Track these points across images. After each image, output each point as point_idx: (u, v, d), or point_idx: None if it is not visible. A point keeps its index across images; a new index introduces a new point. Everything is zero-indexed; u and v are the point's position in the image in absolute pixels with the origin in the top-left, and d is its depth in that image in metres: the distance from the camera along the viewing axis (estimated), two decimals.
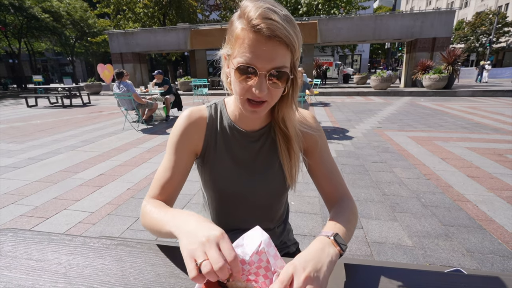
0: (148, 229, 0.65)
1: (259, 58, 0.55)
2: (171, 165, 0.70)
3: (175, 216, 0.57)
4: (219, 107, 0.77)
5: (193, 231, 0.48)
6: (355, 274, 0.59)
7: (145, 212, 0.66)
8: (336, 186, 0.76)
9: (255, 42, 0.55)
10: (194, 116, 0.73)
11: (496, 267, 1.65)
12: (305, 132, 0.74)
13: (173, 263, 0.59)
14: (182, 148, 0.71)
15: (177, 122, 0.73)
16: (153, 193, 0.70)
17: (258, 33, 0.54)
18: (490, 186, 2.75)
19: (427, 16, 13.08)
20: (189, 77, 14.86)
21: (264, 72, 0.56)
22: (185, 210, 0.58)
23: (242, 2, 0.59)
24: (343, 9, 19.07)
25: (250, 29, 0.54)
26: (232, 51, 0.60)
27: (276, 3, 0.58)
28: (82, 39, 23.96)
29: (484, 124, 5.64)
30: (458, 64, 11.54)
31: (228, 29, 0.62)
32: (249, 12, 0.55)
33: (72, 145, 4.64)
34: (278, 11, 0.55)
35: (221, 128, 0.75)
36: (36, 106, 10.30)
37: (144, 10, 20.28)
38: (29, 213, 2.39)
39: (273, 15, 0.54)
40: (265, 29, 0.53)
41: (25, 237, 0.68)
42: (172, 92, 6.99)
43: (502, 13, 27.76)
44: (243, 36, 0.56)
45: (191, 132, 0.72)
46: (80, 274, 0.56)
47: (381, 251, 1.83)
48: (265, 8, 0.54)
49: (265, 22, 0.53)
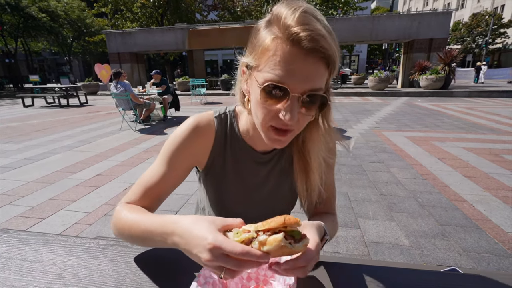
0: (121, 236, 0.58)
1: (294, 76, 0.45)
2: (162, 173, 0.62)
3: (163, 225, 0.48)
4: (229, 119, 0.68)
5: (189, 250, 0.42)
6: (352, 273, 0.59)
7: (120, 217, 0.57)
8: (330, 201, 0.72)
9: (291, 56, 0.44)
10: (200, 128, 0.64)
11: (492, 266, 1.66)
12: (326, 159, 0.64)
13: (168, 264, 0.59)
14: (179, 160, 0.63)
15: (181, 129, 0.63)
16: (131, 198, 0.62)
17: (296, 45, 0.44)
18: (486, 186, 2.77)
19: (424, 17, 13.16)
20: (187, 77, 14.82)
21: (298, 94, 0.46)
22: (166, 218, 0.49)
23: (274, 8, 0.48)
24: (341, 9, 19.12)
25: (286, 38, 0.44)
26: (256, 63, 0.49)
27: (314, 8, 0.47)
28: (79, 39, 23.85)
29: (480, 124, 5.68)
30: (453, 66, 11.60)
31: (252, 39, 0.51)
32: (285, 18, 0.44)
33: (69, 145, 4.61)
34: (320, 18, 0.45)
35: (231, 145, 0.67)
36: (33, 106, 10.23)
37: (142, 10, 20.23)
38: (25, 213, 2.37)
39: (316, 23, 0.44)
40: (306, 40, 0.43)
41: (20, 237, 0.67)
42: (170, 92, 6.97)
43: (498, 14, 28.00)
44: (275, 47, 0.45)
45: (195, 146, 0.64)
46: (75, 274, 0.55)
47: (378, 250, 1.83)
48: (305, 12, 0.44)
49: (307, 31, 0.43)
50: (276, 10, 0.47)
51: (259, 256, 0.38)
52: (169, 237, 0.46)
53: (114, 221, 0.59)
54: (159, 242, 0.49)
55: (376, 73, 12.54)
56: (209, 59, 30.29)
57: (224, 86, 14.34)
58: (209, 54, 29.06)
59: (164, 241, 0.47)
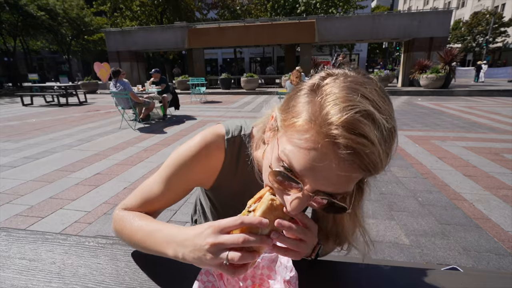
0: (126, 242, 0.58)
1: (315, 176, 0.37)
2: (162, 190, 0.60)
3: (165, 237, 0.49)
4: (242, 144, 0.61)
5: (190, 258, 0.43)
6: (352, 272, 0.58)
7: (124, 224, 0.57)
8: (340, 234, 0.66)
9: (322, 155, 0.35)
10: (207, 149, 0.59)
11: (492, 265, 1.66)
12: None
13: (168, 262, 0.59)
14: (180, 181, 0.60)
15: (187, 149, 0.59)
16: (130, 206, 0.61)
17: (332, 148, 0.35)
18: (486, 185, 2.77)
19: (424, 15, 13.13)
20: (186, 76, 14.80)
21: (311, 194, 0.39)
22: (170, 228, 0.49)
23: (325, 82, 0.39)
24: (341, 8, 19.09)
25: (322, 135, 0.35)
26: (283, 130, 0.41)
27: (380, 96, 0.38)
28: (78, 37, 23.77)
29: (480, 123, 5.68)
30: (453, 66, 11.59)
31: (291, 95, 0.44)
32: (328, 112, 0.35)
33: (68, 144, 4.61)
34: (379, 119, 0.34)
35: (242, 170, 0.62)
36: (32, 105, 10.21)
37: (141, 8, 20.19)
38: (24, 212, 2.37)
39: (369, 130, 0.33)
40: (345, 149, 0.33)
41: (19, 236, 0.67)
42: (169, 91, 6.96)
43: (499, 13, 27.97)
44: (308, 129, 0.37)
45: (200, 169, 0.60)
46: (75, 273, 0.55)
47: (379, 249, 1.83)
48: (360, 114, 0.34)
49: (349, 140, 0.33)
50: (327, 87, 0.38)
51: (257, 223, 0.39)
52: (170, 246, 0.46)
53: (116, 226, 0.59)
54: (161, 254, 0.49)
55: (376, 72, 12.52)
56: (208, 58, 30.21)
57: (223, 85, 14.33)
58: (208, 53, 28.98)
59: (165, 251, 0.48)
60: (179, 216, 2.30)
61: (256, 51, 31.63)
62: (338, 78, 0.39)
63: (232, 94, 12.97)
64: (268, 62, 30.79)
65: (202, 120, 6.66)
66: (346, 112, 0.34)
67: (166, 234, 0.49)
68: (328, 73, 0.42)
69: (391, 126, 0.36)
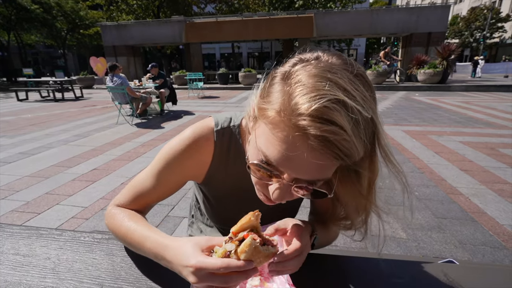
0: (118, 239, 0.59)
1: (291, 168, 0.38)
2: (154, 185, 0.60)
3: (156, 247, 0.48)
4: (233, 135, 0.60)
5: (180, 274, 0.43)
6: (350, 266, 0.59)
7: (116, 222, 0.57)
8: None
9: (293, 146, 0.35)
10: (196, 142, 0.58)
11: (487, 258, 1.69)
12: None
13: None
14: (171, 176, 0.60)
15: (177, 142, 0.58)
16: (123, 201, 0.61)
17: (302, 138, 0.34)
18: (482, 179, 2.79)
19: (422, 10, 13.08)
20: (184, 71, 14.68)
21: (290, 182, 0.40)
22: (161, 238, 0.49)
23: (295, 69, 0.39)
24: (340, 2, 18.95)
25: (292, 127, 0.34)
26: (259, 116, 0.41)
27: (353, 82, 0.36)
28: (74, 32, 23.42)
29: (477, 118, 5.71)
30: (451, 60, 11.59)
31: (268, 80, 0.43)
32: (297, 102, 0.34)
33: (64, 139, 4.57)
34: (351, 106, 0.33)
35: (234, 163, 0.61)
36: (27, 100, 10.09)
37: (138, 2, 19.89)
38: (20, 208, 2.35)
39: (340, 117, 0.32)
40: (316, 140, 0.33)
41: (13, 232, 0.66)
42: (167, 86, 6.90)
43: (496, 8, 27.92)
44: (276, 124, 0.37)
45: (190, 162, 0.59)
46: (70, 268, 0.54)
47: (375, 243, 1.85)
48: (330, 99, 0.33)
49: (321, 129, 0.32)
50: (296, 74, 0.37)
51: (241, 266, 0.38)
52: (161, 261, 0.48)
53: (108, 223, 0.60)
54: (153, 259, 0.50)
55: (374, 67, 12.50)
56: (206, 52, 29.95)
57: (221, 80, 14.23)
58: (206, 48, 28.73)
59: (157, 260, 0.49)
60: (176, 211, 2.30)
61: (254, 46, 31.41)
62: (308, 65, 0.38)
63: (230, 89, 12.90)
64: (266, 57, 30.62)
65: (200, 115, 6.63)
66: (315, 101, 0.33)
67: (151, 248, 0.49)
68: (299, 58, 0.41)
69: (366, 112, 0.34)
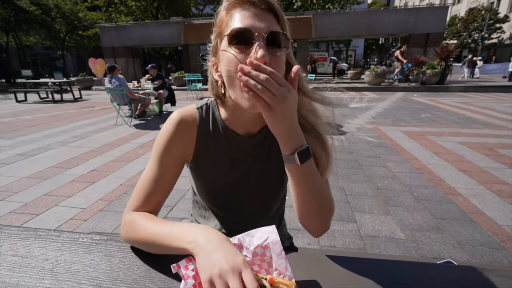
0: (138, 244, 0.58)
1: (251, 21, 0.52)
2: (157, 175, 0.63)
3: (185, 230, 0.50)
4: (211, 108, 0.69)
5: (214, 253, 0.43)
6: (348, 267, 0.58)
7: (136, 226, 0.58)
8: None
9: (242, 11, 0.53)
10: (182, 120, 0.65)
11: (486, 258, 1.69)
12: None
13: (163, 257, 0.58)
14: (169, 157, 0.64)
15: (164, 127, 0.66)
16: (136, 205, 0.63)
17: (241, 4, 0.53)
18: (481, 179, 2.80)
19: (420, 11, 13.15)
20: (182, 72, 14.67)
21: (262, 33, 0.51)
22: (190, 223, 0.53)
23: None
24: (338, 3, 19.03)
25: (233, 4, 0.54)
26: (219, 37, 0.57)
27: None
28: (72, 33, 23.37)
29: (475, 119, 5.73)
30: (450, 60, 11.64)
31: (214, 28, 0.59)
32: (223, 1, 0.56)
33: (63, 140, 4.56)
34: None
35: (214, 132, 0.68)
36: (26, 101, 10.07)
37: (136, 3, 19.91)
38: (18, 210, 2.34)
39: None
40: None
41: (11, 233, 0.66)
42: (165, 87, 6.90)
43: (494, 9, 28.02)
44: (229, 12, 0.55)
45: (180, 138, 0.65)
46: (68, 270, 0.54)
47: (374, 244, 1.85)
48: None
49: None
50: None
51: None
52: (190, 241, 0.47)
53: (127, 230, 0.59)
54: (176, 249, 0.50)
55: (373, 68, 12.54)
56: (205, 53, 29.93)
57: None
58: (205, 49, 28.66)
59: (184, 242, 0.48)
60: (175, 212, 2.30)
61: None
62: None
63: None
64: None
65: None
66: None
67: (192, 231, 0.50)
68: None
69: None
